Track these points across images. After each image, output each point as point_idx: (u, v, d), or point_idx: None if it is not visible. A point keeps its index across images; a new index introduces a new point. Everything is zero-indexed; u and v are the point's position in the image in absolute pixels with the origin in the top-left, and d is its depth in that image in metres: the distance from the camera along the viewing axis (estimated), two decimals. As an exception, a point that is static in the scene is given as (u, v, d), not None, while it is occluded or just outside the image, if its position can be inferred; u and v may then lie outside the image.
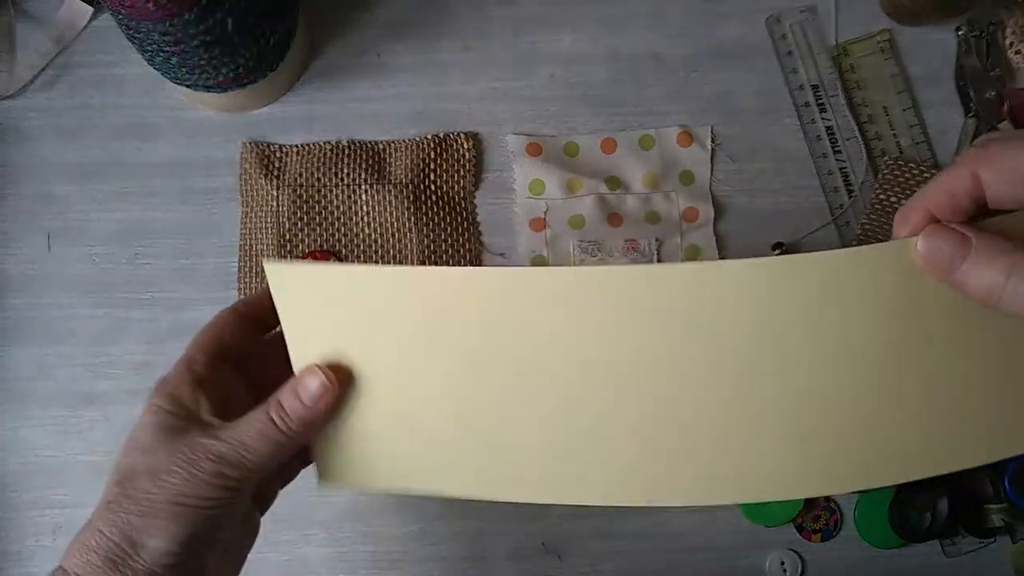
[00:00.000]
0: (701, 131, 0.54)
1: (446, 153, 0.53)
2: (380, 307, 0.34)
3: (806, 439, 0.33)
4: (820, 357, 0.32)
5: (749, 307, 0.32)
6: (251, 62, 0.49)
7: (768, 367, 0.33)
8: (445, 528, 0.51)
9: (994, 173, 0.27)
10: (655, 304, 0.32)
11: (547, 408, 0.34)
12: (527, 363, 0.34)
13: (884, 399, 0.33)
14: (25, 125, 0.54)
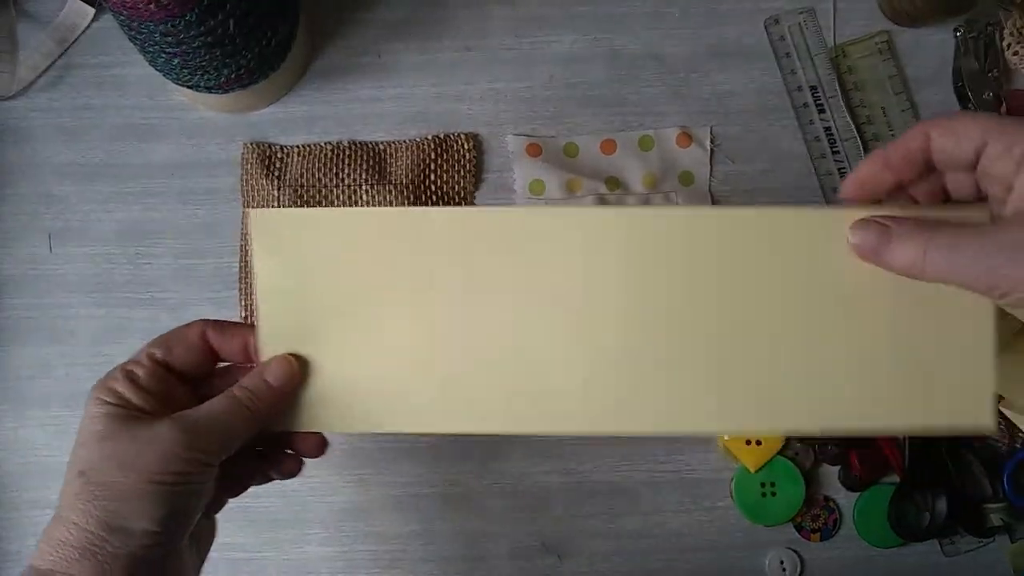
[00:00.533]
0: (700, 132, 0.54)
1: (446, 153, 0.53)
2: (359, 247, 0.36)
3: (730, 374, 0.36)
4: (753, 301, 0.36)
5: (702, 249, 0.36)
6: (252, 63, 0.49)
7: (710, 305, 0.36)
8: (445, 528, 0.51)
9: (939, 131, 0.32)
10: (615, 243, 0.36)
11: (510, 341, 0.36)
12: (495, 298, 0.36)
13: (796, 348, 0.36)
14: (27, 125, 0.54)
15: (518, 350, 0.36)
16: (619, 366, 0.36)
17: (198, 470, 0.32)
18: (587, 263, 0.36)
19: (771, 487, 0.50)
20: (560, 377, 0.36)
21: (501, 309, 0.36)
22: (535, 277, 0.36)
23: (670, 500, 0.51)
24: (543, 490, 0.51)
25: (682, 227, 0.36)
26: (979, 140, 0.31)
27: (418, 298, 0.37)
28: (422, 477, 0.51)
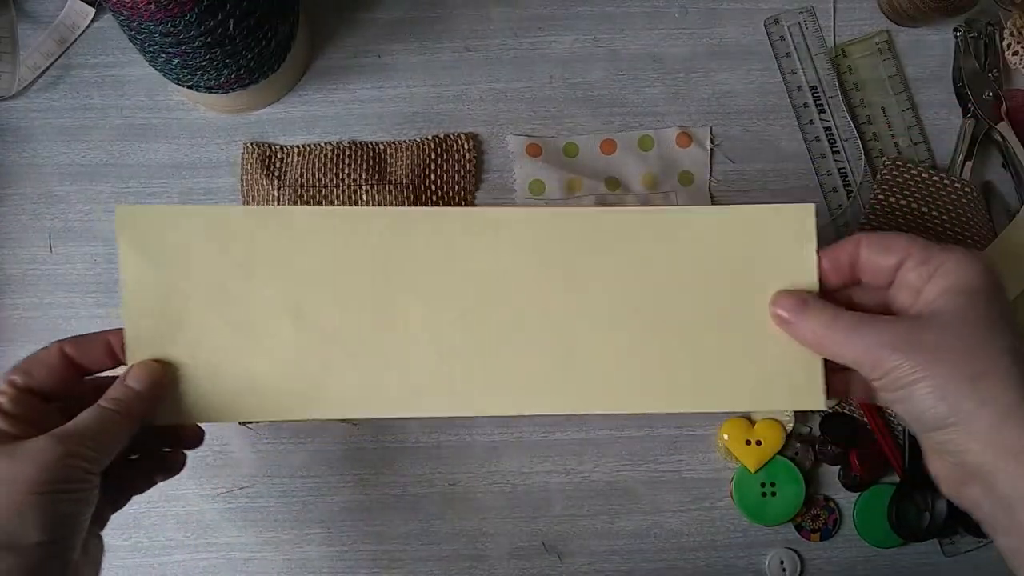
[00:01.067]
0: (700, 132, 0.54)
1: (446, 154, 0.53)
2: (225, 243, 0.38)
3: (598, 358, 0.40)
4: (605, 296, 0.40)
5: (561, 246, 0.40)
6: (252, 63, 0.49)
7: (563, 300, 0.40)
8: (445, 528, 0.51)
9: (870, 243, 0.36)
10: (476, 240, 0.39)
11: (371, 331, 0.39)
12: (358, 290, 0.39)
13: (640, 338, 0.40)
14: (27, 125, 0.54)
15: (380, 339, 0.39)
16: (476, 352, 0.39)
17: (79, 477, 0.33)
18: (444, 256, 0.39)
19: (771, 487, 0.50)
20: (419, 364, 0.39)
21: (362, 301, 0.39)
22: (398, 269, 0.39)
23: (670, 500, 0.51)
24: (543, 490, 0.51)
25: (542, 226, 0.40)
26: (903, 254, 0.35)
27: (286, 291, 0.39)
28: (422, 477, 0.51)
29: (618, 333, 0.40)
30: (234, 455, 0.51)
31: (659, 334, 0.40)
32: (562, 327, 0.40)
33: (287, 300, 0.39)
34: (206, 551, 0.50)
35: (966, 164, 0.53)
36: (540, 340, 0.40)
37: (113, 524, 0.50)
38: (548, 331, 0.40)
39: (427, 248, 0.39)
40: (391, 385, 0.39)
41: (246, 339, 0.38)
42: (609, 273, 0.40)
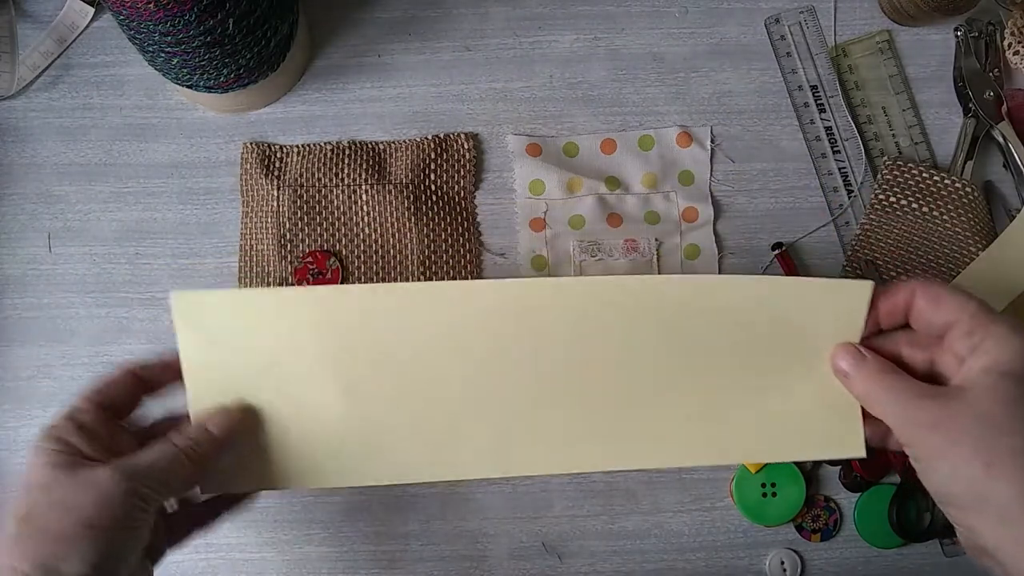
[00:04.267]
0: (700, 131, 0.54)
1: (446, 153, 0.53)
2: (276, 322, 0.40)
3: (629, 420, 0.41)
4: (639, 358, 0.41)
5: (585, 312, 0.41)
6: (252, 62, 0.49)
7: (603, 363, 0.41)
8: (445, 528, 0.51)
9: (926, 295, 0.36)
10: (515, 310, 0.41)
11: (420, 400, 0.40)
12: (406, 364, 0.40)
13: (688, 397, 0.41)
14: (26, 125, 0.54)
15: (430, 409, 0.40)
16: (521, 417, 0.40)
17: (134, 514, 0.33)
18: (486, 327, 0.40)
19: (771, 487, 0.50)
20: (466, 430, 0.40)
21: (412, 374, 0.40)
22: (443, 341, 0.40)
23: (670, 500, 0.51)
24: (543, 490, 0.51)
25: (564, 294, 0.41)
26: (953, 316, 0.35)
27: (336, 366, 0.40)
28: (422, 477, 0.51)
29: (664, 393, 0.41)
30: (234, 455, 0.51)
31: (705, 393, 0.41)
32: (604, 389, 0.41)
33: (336, 374, 0.40)
34: (206, 551, 0.50)
35: (967, 164, 0.53)
36: (584, 401, 0.41)
37: (113, 524, 0.50)
38: (591, 393, 0.41)
39: (464, 317, 0.40)
40: (436, 450, 0.40)
41: (297, 413, 0.40)
42: (654, 335, 0.41)
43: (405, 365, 0.40)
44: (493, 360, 0.41)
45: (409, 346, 0.40)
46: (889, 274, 0.52)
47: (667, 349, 0.41)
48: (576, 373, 0.41)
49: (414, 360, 0.41)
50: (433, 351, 0.41)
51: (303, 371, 0.40)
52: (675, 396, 0.41)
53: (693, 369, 0.41)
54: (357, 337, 0.40)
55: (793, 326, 0.41)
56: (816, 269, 0.53)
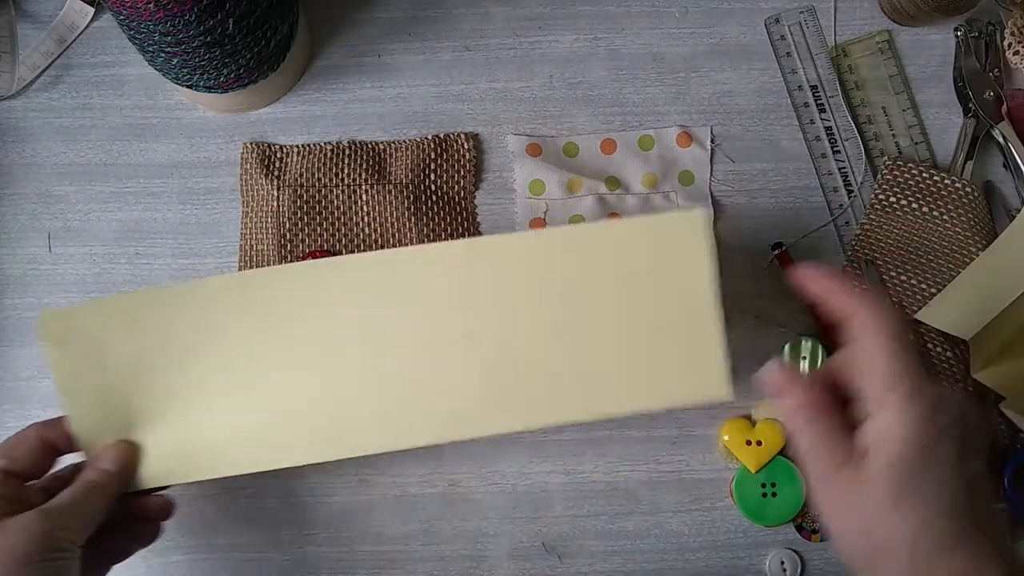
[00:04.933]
0: (700, 131, 0.54)
1: (446, 153, 0.53)
2: (144, 323, 0.41)
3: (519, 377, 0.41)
4: (502, 321, 0.42)
5: (457, 276, 0.42)
6: (252, 62, 0.49)
7: (467, 327, 0.42)
8: (445, 528, 0.51)
9: (857, 323, 0.35)
10: (388, 283, 0.42)
11: (305, 384, 0.42)
12: (286, 347, 0.42)
13: (557, 353, 0.41)
14: (26, 125, 0.54)
15: (314, 390, 0.41)
16: (409, 387, 0.41)
17: (64, 548, 0.36)
18: (357, 303, 0.42)
19: (771, 487, 0.50)
20: (358, 405, 0.41)
21: (291, 357, 0.42)
22: (322, 317, 0.41)
23: (670, 500, 0.51)
24: (543, 490, 0.51)
25: (442, 259, 0.42)
26: (857, 377, 0.35)
27: (213, 357, 0.42)
28: (422, 477, 0.51)
29: (535, 350, 0.41)
30: (234, 455, 0.51)
31: (571, 348, 0.41)
32: (480, 351, 0.41)
33: (215, 362, 0.42)
34: (206, 551, 0.50)
35: (967, 164, 0.53)
36: (467, 367, 0.41)
37: (113, 524, 0.50)
38: (468, 357, 0.41)
39: (331, 296, 0.42)
40: (339, 427, 0.42)
41: (186, 405, 0.41)
42: (516, 295, 0.42)
43: (281, 349, 0.41)
44: (368, 337, 0.42)
45: (283, 329, 0.41)
46: (889, 274, 0.52)
47: (528, 309, 0.41)
48: (446, 341, 0.41)
49: (290, 344, 0.41)
50: (305, 333, 0.41)
51: (182, 365, 0.41)
52: (543, 355, 0.41)
53: (555, 325, 0.41)
54: (230, 326, 0.41)
55: (644, 268, 0.41)
56: (816, 269, 0.53)
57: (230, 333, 0.42)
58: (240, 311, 0.42)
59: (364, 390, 0.42)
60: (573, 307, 0.41)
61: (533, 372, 0.41)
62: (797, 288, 0.38)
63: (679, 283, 0.41)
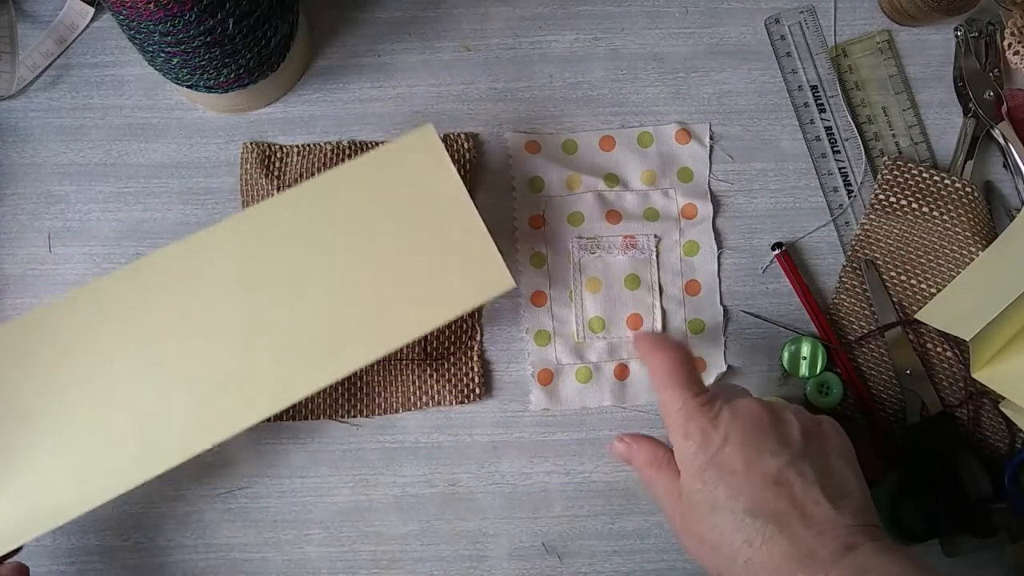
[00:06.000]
0: (699, 128, 0.54)
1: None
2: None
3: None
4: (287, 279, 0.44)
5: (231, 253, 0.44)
6: (252, 63, 0.49)
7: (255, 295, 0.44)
8: (445, 528, 0.51)
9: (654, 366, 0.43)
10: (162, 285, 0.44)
11: (110, 412, 0.42)
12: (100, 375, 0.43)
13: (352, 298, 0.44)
14: (26, 125, 0.54)
15: (118, 419, 0.42)
16: (223, 376, 0.43)
17: None
18: (142, 315, 0.43)
19: (771, 487, 0.50)
20: (173, 411, 0.42)
21: (97, 384, 0.43)
22: (115, 336, 0.43)
23: (670, 500, 0.51)
24: (543, 490, 0.51)
25: (207, 245, 0.44)
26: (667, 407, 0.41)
27: (31, 401, 0.42)
28: (422, 477, 0.51)
29: (334, 299, 0.44)
30: (234, 455, 0.51)
31: (366, 283, 0.44)
32: (270, 320, 0.43)
33: (35, 407, 0.42)
34: (206, 551, 0.50)
35: (967, 164, 0.53)
36: (265, 339, 0.43)
37: (113, 525, 0.50)
38: (260, 331, 0.43)
39: (126, 305, 0.43)
40: (163, 436, 0.42)
41: (15, 460, 0.42)
42: (295, 248, 0.44)
43: (86, 379, 0.42)
44: (169, 331, 0.43)
45: (79, 361, 0.43)
46: (889, 274, 0.52)
47: (306, 266, 0.44)
48: (245, 313, 0.43)
49: (92, 371, 0.43)
50: (100, 356, 0.43)
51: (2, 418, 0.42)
52: (340, 301, 0.44)
53: (342, 268, 0.44)
54: (11, 375, 0.42)
55: (402, 194, 0.45)
56: (816, 269, 0.53)
57: (18, 381, 0.43)
58: (16, 358, 0.43)
59: (174, 394, 0.43)
60: (352, 249, 0.44)
61: (339, 322, 0.43)
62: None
63: (435, 196, 0.45)
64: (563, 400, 0.51)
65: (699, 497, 0.39)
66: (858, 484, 0.39)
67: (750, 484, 0.37)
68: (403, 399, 0.51)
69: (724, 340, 0.52)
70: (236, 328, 0.43)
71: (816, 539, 0.36)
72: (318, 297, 0.44)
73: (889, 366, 0.51)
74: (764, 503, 0.37)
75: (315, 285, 0.44)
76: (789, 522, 0.36)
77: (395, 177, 0.45)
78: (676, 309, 0.52)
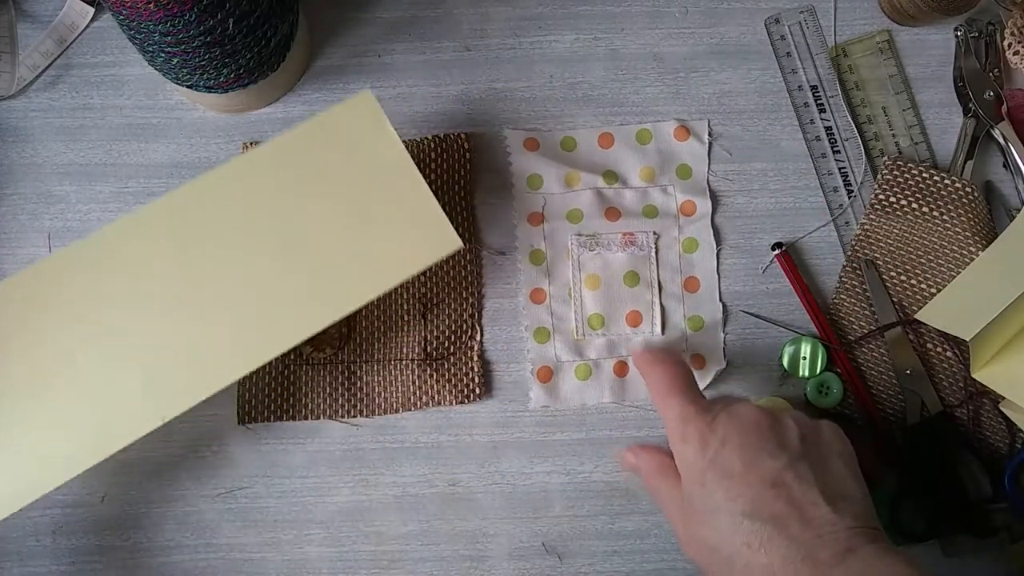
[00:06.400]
0: (698, 125, 0.54)
1: (446, 153, 0.53)
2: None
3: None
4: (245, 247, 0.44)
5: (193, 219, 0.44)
6: (252, 62, 0.49)
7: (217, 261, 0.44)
8: (445, 528, 0.51)
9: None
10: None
11: (59, 392, 0.42)
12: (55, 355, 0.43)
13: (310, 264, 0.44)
14: (26, 125, 0.54)
15: (68, 399, 0.42)
16: (164, 355, 0.43)
17: None
18: (99, 284, 0.43)
19: (771, 487, 0.50)
20: (128, 388, 0.42)
21: (57, 361, 0.43)
22: (61, 317, 0.43)
23: (670, 500, 0.51)
24: (543, 490, 0.51)
25: (152, 221, 0.44)
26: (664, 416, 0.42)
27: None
28: (422, 477, 0.51)
29: (282, 268, 0.44)
30: (234, 455, 0.51)
31: (315, 252, 0.44)
32: (221, 290, 0.44)
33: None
34: (206, 551, 0.50)
35: (967, 164, 0.53)
36: (216, 310, 0.44)
37: (113, 524, 0.50)
38: (212, 302, 0.44)
39: (86, 285, 0.43)
40: (120, 414, 0.42)
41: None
42: (242, 218, 0.44)
43: (27, 360, 0.42)
44: (121, 304, 0.43)
45: (33, 338, 0.43)
46: (889, 274, 0.52)
47: (254, 236, 0.44)
48: (196, 284, 0.43)
49: (47, 350, 0.43)
50: (55, 335, 0.43)
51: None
52: (290, 268, 0.44)
53: (290, 236, 0.44)
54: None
55: (344, 161, 0.45)
56: (816, 269, 0.53)
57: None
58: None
59: (128, 368, 0.43)
60: (298, 216, 0.44)
61: (289, 289, 0.44)
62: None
63: (378, 161, 0.45)
64: (562, 397, 0.51)
65: (699, 501, 0.39)
66: (858, 487, 0.39)
67: (748, 486, 0.37)
68: (403, 399, 0.51)
69: (723, 337, 0.52)
70: (189, 300, 0.43)
71: (815, 541, 0.36)
72: (267, 265, 0.44)
73: (889, 366, 0.51)
74: (762, 505, 0.37)
75: (263, 254, 0.44)
76: (788, 524, 0.36)
77: (337, 143, 0.45)
78: (675, 306, 0.52)
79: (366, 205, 0.45)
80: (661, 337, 0.51)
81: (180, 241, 0.44)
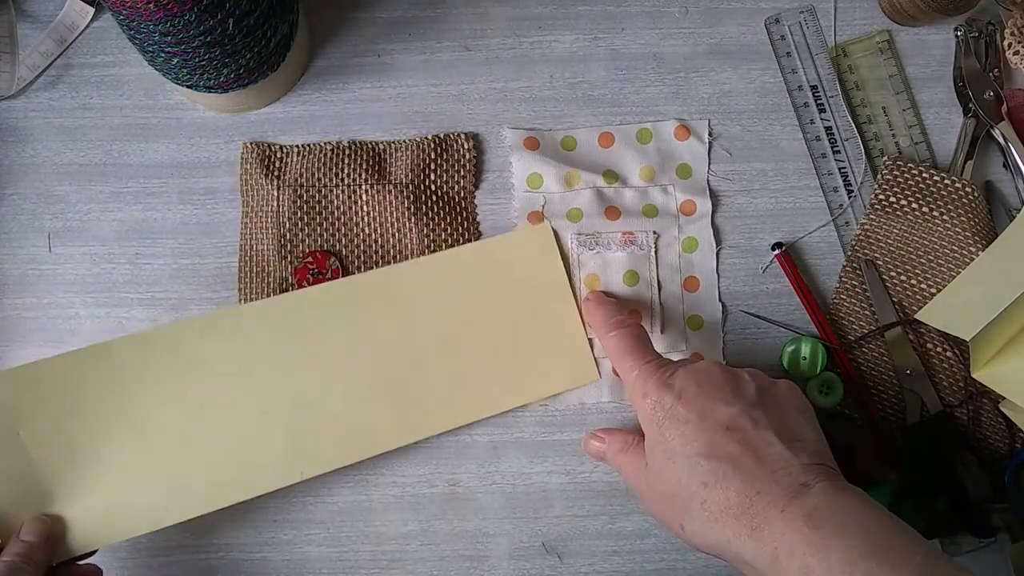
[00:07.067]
0: (698, 124, 0.54)
1: (446, 153, 0.53)
2: (52, 393, 0.45)
3: (403, 399, 0.48)
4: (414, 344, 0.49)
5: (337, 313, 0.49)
6: (252, 62, 0.49)
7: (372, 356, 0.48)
8: (445, 528, 0.51)
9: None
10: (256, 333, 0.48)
11: (213, 433, 0.46)
12: (184, 405, 0.46)
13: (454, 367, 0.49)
14: (26, 125, 0.54)
15: (219, 440, 0.46)
16: (302, 424, 0.47)
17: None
18: (250, 356, 0.47)
19: (771, 487, 0.50)
20: (262, 445, 0.47)
21: (192, 410, 0.46)
22: (208, 374, 0.47)
23: (670, 500, 0.51)
24: (543, 490, 0.51)
25: (323, 300, 0.49)
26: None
27: (121, 418, 0.45)
28: (422, 477, 0.51)
29: (424, 372, 0.48)
30: (234, 455, 0.51)
31: (458, 360, 0.48)
32: (370, 376, 0.48)
33: (124, 423, 0.46)
34: (206, 551, 0.50)
35: (967, 164, 0.53)
36: (358, 394, 0.48)
37: (112, 524, 0.50)
38: (362, 387, 0.48)
39: (222, 347, 0.47)
40: (241, 470, 0.46)
41: (101, 469, 0.45)
42: (400, 321, 0.48)
43: (182, 403, 0.46)
44: (270, 377, 0.47)
45: (183, 384, 0.46)
46: (889, 274, 0.52)
47: (413, 331, 0.48)
48: (341, 373, 0.47)
49: (189, 397, 0.46)
50: (203, 386, 0.46)
51: (94, 429, 0.45)
52: (435, 371, 0.48)
53: (441, 338, 0.48)
54: (134, 386, 0.46)
55: (509, 281, 0.49)
56: (816, 269, 0.53)
57: (135, 393, 0.46)
58: (141, 370, 0.46)
59: (273, 426, 0.47)
60: (453, 323, 0.49)
61: (429, 388, 0.48)
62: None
63: (539, 285, 0.49)
64: (562, 397, 0.51)
65: (658, 451, 0.40)
66: (814, 433, 0.40)
67: (703, 431, 0.39)
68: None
69: (723, 337, 0.52)
70: (343, 375, 0.48)
71: (770, 476, 0.36)
72: (420, 360, 0.48)
73: (889, 366, 0.51)
74: (718, 446, 0.38)
75: (420, 350, 0.48)
76: (743, 462, 0.37)
77: (510, 262, 0.50)
78: (675, 305, 0.52)
79: (522, 322, 0.49)
80: (660, 336, 0.51)
81: (350, 320, 0.48)
